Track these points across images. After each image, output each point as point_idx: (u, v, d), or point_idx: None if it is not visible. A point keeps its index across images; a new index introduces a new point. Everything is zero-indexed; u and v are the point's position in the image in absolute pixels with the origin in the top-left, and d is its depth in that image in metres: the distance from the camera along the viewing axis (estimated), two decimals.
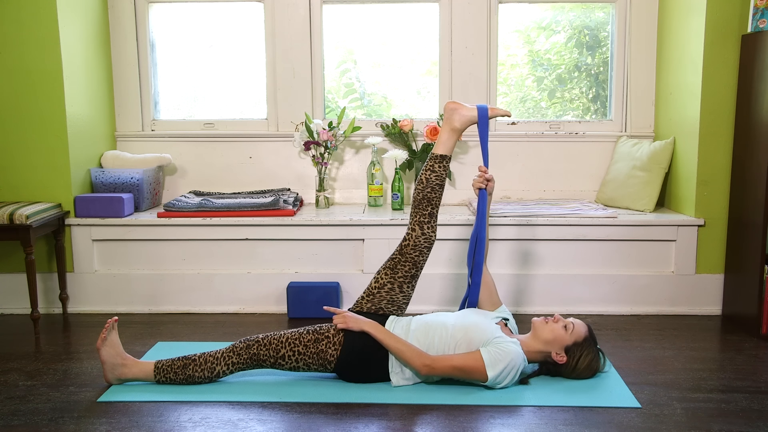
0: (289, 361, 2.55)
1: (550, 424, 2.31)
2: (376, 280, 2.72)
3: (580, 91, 4.13)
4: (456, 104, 2.77)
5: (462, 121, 2.74)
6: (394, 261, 2.71)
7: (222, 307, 3.56)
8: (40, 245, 3.52)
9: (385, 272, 2.71)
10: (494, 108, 2.78)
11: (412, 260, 2.69)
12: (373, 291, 2.71)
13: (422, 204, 2.70)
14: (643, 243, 3.49)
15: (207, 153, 4.01)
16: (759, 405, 2.45)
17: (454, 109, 2.75)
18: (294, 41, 3.93)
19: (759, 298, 3.15)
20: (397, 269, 2.70)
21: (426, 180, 2.71)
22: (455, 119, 2.74)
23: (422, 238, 2.69)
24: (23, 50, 3.37)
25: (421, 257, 2.70)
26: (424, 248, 2.70)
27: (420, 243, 2.69)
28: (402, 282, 2.70)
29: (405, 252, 2.69)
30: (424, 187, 2.71)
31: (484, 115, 2.75)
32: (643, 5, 3.87)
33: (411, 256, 2.69)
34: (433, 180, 2.71)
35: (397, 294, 2.70)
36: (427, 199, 2.70)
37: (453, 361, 2.49)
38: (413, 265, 2.70)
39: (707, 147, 3.41)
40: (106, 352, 2.57)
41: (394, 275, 2.70)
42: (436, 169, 2.71)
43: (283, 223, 3.50)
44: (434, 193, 2.71)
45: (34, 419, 2.36)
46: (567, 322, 2.60)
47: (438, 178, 2.71)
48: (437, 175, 2.71)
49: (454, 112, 2.75)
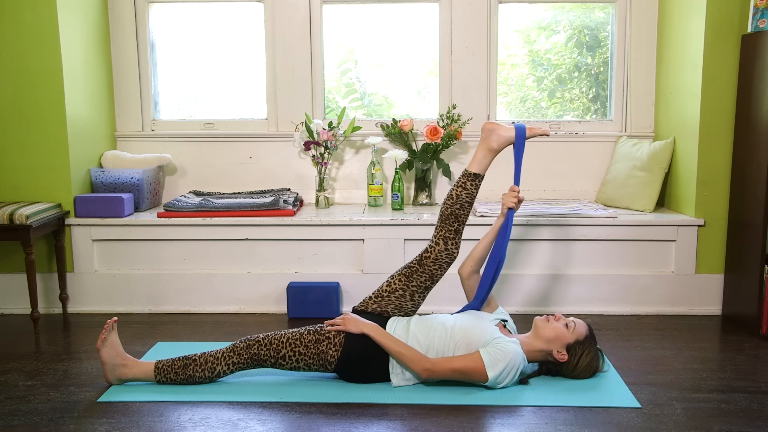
0: (289, 361, 2.56)
1: (550, 424, 2.31)
2: (389, 284, 2.72)
3: (580, 91, 4.13)
4: (494, 125, 2.75)
5: (499, 141, 2.74)
6: (411, 269, 2.70)
7: (222, 307, 3.56)
8: (40, 245, 3.52)
9: (400, 279, 2.71)
10: (532, 128, 2.77)
11: (429, 272, 2.69)
12: (383, 294, 2.71)
13: (449, 219, 2.69)
14: (643, 243, 3.49)
15: (207, 153, 4.01)
16: (759, 405, 2.45)
17: (492, 129, 2.74)
18: (294, 41, 3.93)
19: (759, 298, 3.15)
20: (413, 278, 2.69)
21: (456, 196, 2.70)
22: (492, 140, 2.73)
23: (444, 253, 2.68)
24: (23, 50, 3.37)
25: (439, 271, 2.70)
26: (445, 263, 2.70)
27: (441, 257, 2.68)
28: (414, 291, 2.70)
29: (424, 264, 2.69)
30: (453, 203, 2.70)
31: (521, 135, 2.74)
32: (643, 5, 3.87)
33: (430, 268, 2.69)
34: (463, 197, 2.70)
35: (407, 302, 2.70)
36: (455, 215, 2.69)
37: (453, 364, 2.50)
38: (430, 277, 2.70)
39: (707, 147, 3.41)
40: (106, 352, 2.57)
41: (408, 283, 2.69)
42: (467, 186, 2.70)
43: (283, 223, 3.50)
44: (463, 210, 2.70)
45: (34, 419, 2.36)
46: (568, 320, 2.61)
47: (468, 195, 2.70)
48: (468, 192, 2.70)
49: (491, 133, 2.74)
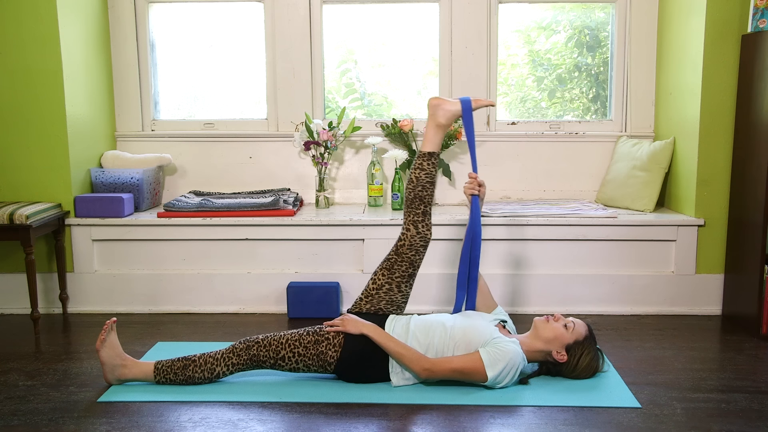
0: (289, 362, 2.55)
1: (550, 424, 2.31)
2: (373, 281, 2.72)
3: (580, 91, 4.13)
4: (439, 100, 2.75)
5: (446, 116, 2.73)
6: (390, 261, 2.70)
7: (222, 307, 3.56)
8: (40, 245, 3.52)
9: (383, 273, 2.71)
10: (477, 99, 2.77)
11: (408, 260, 2.69)
12: (371, 292, 2.71)
13: (415, 203, 2.70)
14: (643, 243, 3.49)
15: (207, 153, 4.01)
16: (759, 405, 2.45)
17: (438, 105, 2.74)
18: (294, 41, 3.93)
19: (759, 298, 3.15)
20: (394, 269, 2.69)
21: (416, 179, 2.70)
22: (439, 115, 2.73)
23: (417, 237, 2.68)
24: (23, 50, 3.37)
25: (417, 256, 2.70)
26: (420, 247, 2.69)
27: (416, 242, 2.68)
28: (400, 282, 2.70)
29: (401, 252, 2.69)
30: (415, 186, 2.70)
31: (468, 107, 2.74)
32: (643, 5, 3.87)
33: (407, 255, 2.68)
34: (423, 178, 2.70)
35: (396, 294, 2.70)
36: (419, 197, 2.69)
37: (452, 364, 2.49)
38: (410, 264, 2.69)
39: (707, 147, 3.41)
40: (105, 353, 2.57)
41: (391, 275, 2.69)
42: (425, 166, 2.70)
43: (283, 223, 3.50)
44: (425, 191, 2.70)
45: (34, 419, 2.36)
46: (568, 321, 2.61)
47: (428, 175, 2.70)
48: (427, 173, 2.70)
49: (437, 108, 2.73)
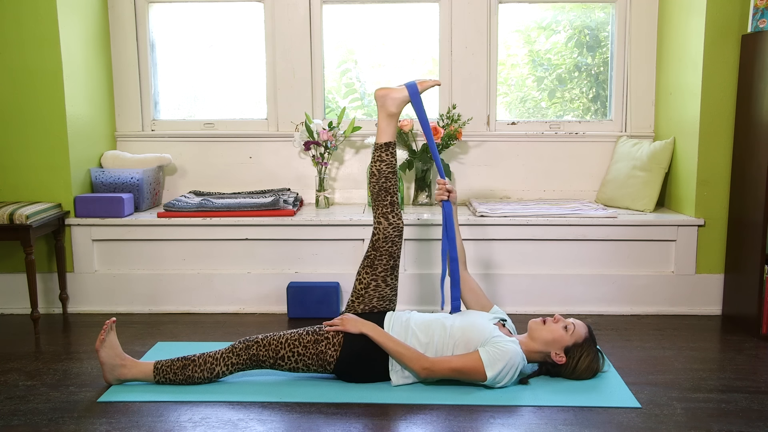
0: (288, 361, 2.55)
1: (550, 424, 2.31)
2: (359, 281, 2.73)
3: (580, 91, 4.13)
4: (385, 90, 2.75)
5: (395, 104, 2.74)
6: (370, 258, 2.71)
7: (222, 307, 3.56)
8: (40, 245, 3.52)
9: (365, 271, 2.71)
10: (422, 81, 2.77)
11: (387, 252, 2.70)
12: (360, 292, 2.71)
13: (381, 195, 2.71)
14: (643, 243, 3.49)
15: (207, 153, 4.01)
16: (759, 405, 2.45)
17: (384, 95, 2.74)
18: (294, 41, 3.93)
19: (759, 298, 3.15)
20: (376, 265, 2.70)
21: (378, 171, 2.72)
22: (388, 104, 2.74)
23: (390, 228, 2.70)
24: (23, 50, 3.37)
25: (394, 247, 2.71)
26: (395, 237, 2.70)
27: (389, 234, 2.69)
28: (385, 276, 2.70)
29: (378, 246, 2.70)
30: (378, 179, 2.72)
31: (414, 92, 2.74)
32: (643, 5, 3.87)
33: (385, 248, 2.69)
34: (384, 169, 2.71)
35: (384, 288, 2.71)
36: (384, 189, 2.71)
37: (452, 363, 2.49)
38: (390, 256, 2.70)
39: (707, 147, 3.41)
40: (105, 353, 2.57)
41: (374, 272, 2.70)
42: (384, 157, 2.72)
43: (283, 223, 3.50)
44: (389, 182, 2.71)
45: (34, 419, 2.36)
46: (567, 322, 2.60)
47: (389, 166, 2.72)
48: (387, 163, 2.72)
49: (385, 99, 2.74)
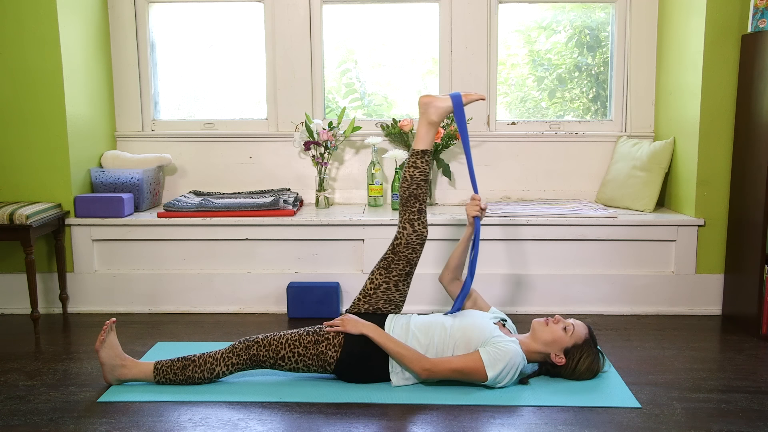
0: (288, 362, 2.55)
1: (550, 424, 2.31)
2: (371, 281, 2.72)
3: (580, 91, 4.13)
4: (429, 97, 2.74)
5: (438, 113, 2.72)
6: (387, 260, 2.70)
7: (222, 307, 3.56)
8: (40, 245, 3.52)
9: (380, 272, 2.70)
10: (467, 94, 2.76)
11: (405, 258, 2.69)
12: (369, 292, 2.71)
13: (410, 201, 2.70)
14: (643, 243, 3.49)
15: (207, 153, 4.01)
16: (759, 405, 2.45)
17: (428, 102, 2.73)
18: (294, 41, 3.93)
19: (759, 298, 3.15)
20: (392, 268, 2.69)
21: (410, 177, 2.70)
22: (431, 112, 2.72)
23: (414, 235, 2.68)
24: (23, 50, 3.37)
25: (414, 254, 2.70)
26: (417, 245, 2.69)
27: (412, 240, 2.68)
28: (397, 280, 2.69)
29: (398, 251, 2.69)
30: (410, 185, 2.70)
31: (458, 103, 2.73)
32: (643, 5, 3.87)
33: (404, 254, 2.68)
34: (417, 176, 2.70)
35: (394, 293, 2.70)
36: (414, 196, 2.69)
37: (452, 364, 2.49)
38: (407, 262, 2.69)
39: (707, 147, 3.41)
40: (105, 353, 2.57)
41: (388, 275, 2.69)
42: (419, 164, 2.70)
43: (283, 223, 3.50)
44: (420, 189, 2.70)
45: (34, 419, 2.36)
46: (567, 323, 2.59)
47: (422, 173, 2.70)
48: (421, 170, 2.70)
49: (428, 106, 2.73)
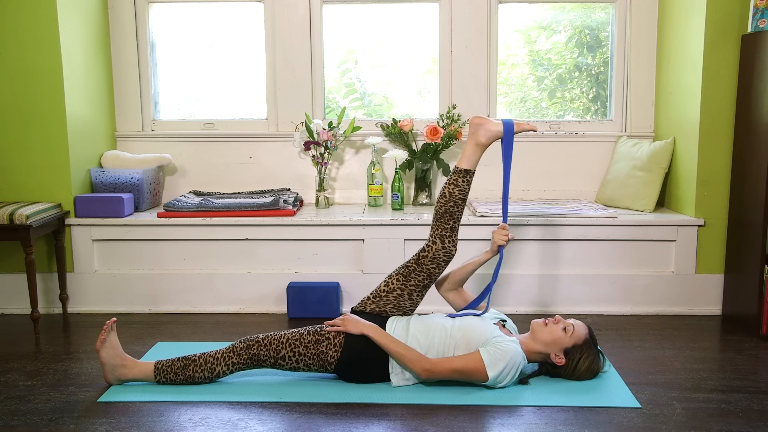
0: (289, 361, 2.55)
1: (550, 424, 2.31)
2: (386, 284, 2.71)
3: (580, 91, 4.13)
4: (482, 119, 2.73)
5: (488, 136, 2.71)
6: (408, 269, 2.70)
7: (222, 307, 3.56)
8: (40, 245, 3.52)
9: (398, 278, 2.70)
10: (520, 123, 2.75)
11: (427, 271, 2.68)
12: (380, 294, 2.71)
13: (444, 218, 2.69)
14: (643, 243, 3.49)
15: (207, 153, 4.01)
16: (759, 405, 2.45)
17: (480, 124, 2.72)
18: (294, 41, 3.93)
19: (759, 298, 3.15)
20: (411, 277, 2.69)
21: (449, 194, 2.69)
22: (480, 134, 2.71)
23: (442, 251, 2.68)
24: (23, 50, 3.37)
25: (437, 270, 2.69)
26: (442, 261, 2.69)
27: (439, 256, 2.68)
28: (413, 290, 2.69)
29: (422, 263, 2.68)
30: (447, 201, 2.69)
31: (509, 130, 2.71)
32: (643, 5, 3.87)
33: (428, 267, 2.68)
34: (456, 194, 2.69)
35: (405, 301, 2.70)
36: (449, 213, 2.68)
37: (453, 364, 2.49)
38: (428, 276, 2.69)
39: (707, 147, 3.41)
40: (105, 353, 2.57)
41: (406, 282, 2.69)
42: (459, 183, 2.69)
43: (283, 223, 3.50)
44: (456, 207, 2.69)
45: (34, 419, 2.36)
46: (567, 323, 2.59)
47: (461, 192, 2.69)
48: (460, 189, 2.69)
49: (479, 127, 2.71)
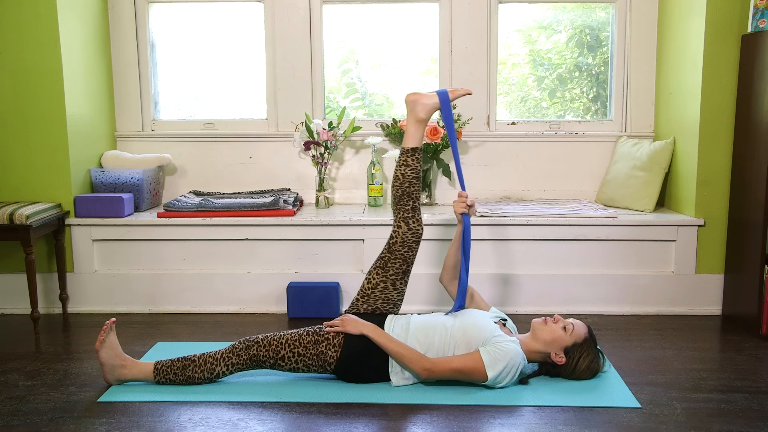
0: (288, 362, 2.55)
1: (550, 424, 2.31)
2: (368, 280, 2.72)
3: (580, 90, 4.13)
4: (416, 95, 2.76)
5: (426, 110, 2.74)
6: (383, 260, 2.71)
7: (222, 307, 3.56)
8: (40, 245, 3.52)
9: (377, 272, 2.71)
10: (454, 90, 2.77)
11: (401, 256, 2.69)
12: (366, 292, 2.71)
13: (403, 200, 2.70)
14: (643, 243, 3.49)
15: (207, 153, 4.01)
16: (759, 405, 2.45)
17: (415, 100, 2.74)
18: (294, 41, 3.93)
19: (759, 298, 3.15)
20: (388, 267, 2.70)
21: (402, 176, 2.71)
22: (419, 110, 2.73)
23: (409, 233, 2.69)
24: (23, 50, 3.37)
25: (410, 252, 2.70)
26: (413, 243, 2.70)
27: (408, 239, 2.69)
28: (394, 279, 2.70)
29: (394, 249, 2.69)
30: (402, 183, 2.71)
31: (445, 99, 2.74)
32: (643, 5, 3.87)
33: (400, 252, 2.69)
34: (409, 174, 2.71)
35: (391, 292, 2.70)
36: (407, 194, 2.70)
37: (452, 364, 2.49)
38: (404, 261, 2.70)
39: (707, 147, 3.41)
40: (105, 353, 2.57)
41: (385, 273, 2.70)
42: (410, 162, 2.71)
43: (283, 223, 3.50)
44: (412, 186, 2.71)
45: (34, 419, 2.36)
46: (567, 323, 2.60)
47: (413, 171, 2.71)
48: (412, 168, 2.71)
49: (416, 104, 2.74)
